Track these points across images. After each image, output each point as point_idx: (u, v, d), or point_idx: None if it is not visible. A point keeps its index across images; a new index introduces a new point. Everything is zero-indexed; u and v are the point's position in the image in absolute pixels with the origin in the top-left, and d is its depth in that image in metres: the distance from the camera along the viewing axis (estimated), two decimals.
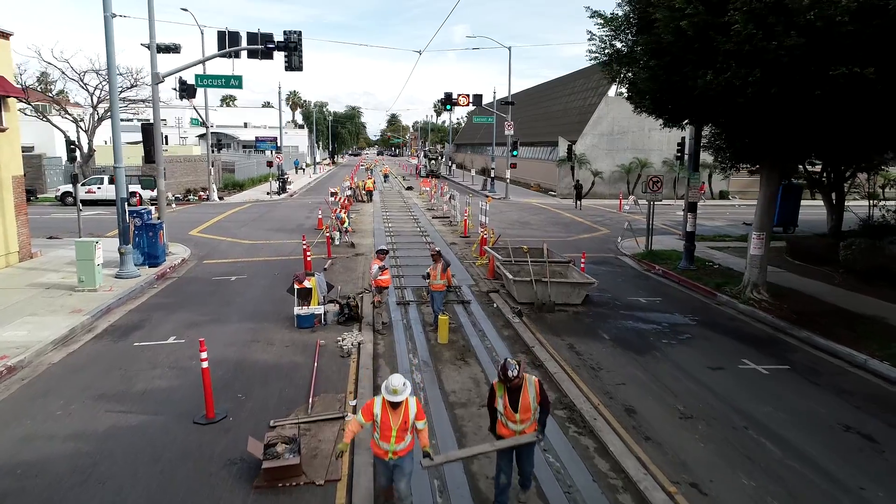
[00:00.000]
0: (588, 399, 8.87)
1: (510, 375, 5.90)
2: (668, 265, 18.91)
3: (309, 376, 9.64)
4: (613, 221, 30.13)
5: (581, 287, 14.17)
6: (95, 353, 10.92)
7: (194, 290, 15.58)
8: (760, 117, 12.15)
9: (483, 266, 18.29)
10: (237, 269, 17.98)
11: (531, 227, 27.65)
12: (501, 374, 5.99)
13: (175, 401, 8.84)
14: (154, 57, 18.74)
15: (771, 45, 10.42)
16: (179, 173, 41.70)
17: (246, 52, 19.52)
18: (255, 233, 24.73)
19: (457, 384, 9.48)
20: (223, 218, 29.29)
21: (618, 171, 44.09)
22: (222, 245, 21.88)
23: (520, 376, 5.94)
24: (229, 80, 19.33)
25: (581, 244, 23.17)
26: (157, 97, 19.12)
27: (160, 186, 19.30)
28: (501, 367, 6.03)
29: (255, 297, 14.82)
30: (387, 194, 43.97)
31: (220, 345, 11.26)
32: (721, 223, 30.35)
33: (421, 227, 26.70)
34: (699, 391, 9.45)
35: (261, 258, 19.56)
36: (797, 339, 12.16)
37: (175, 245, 21.09)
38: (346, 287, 15.54)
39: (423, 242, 22.52)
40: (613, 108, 43.90)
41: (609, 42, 15.55)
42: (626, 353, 11.09)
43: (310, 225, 26.81)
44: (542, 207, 36.64)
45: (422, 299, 14.40)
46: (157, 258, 17.62)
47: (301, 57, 19.75)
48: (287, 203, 37.75)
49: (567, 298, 14.09)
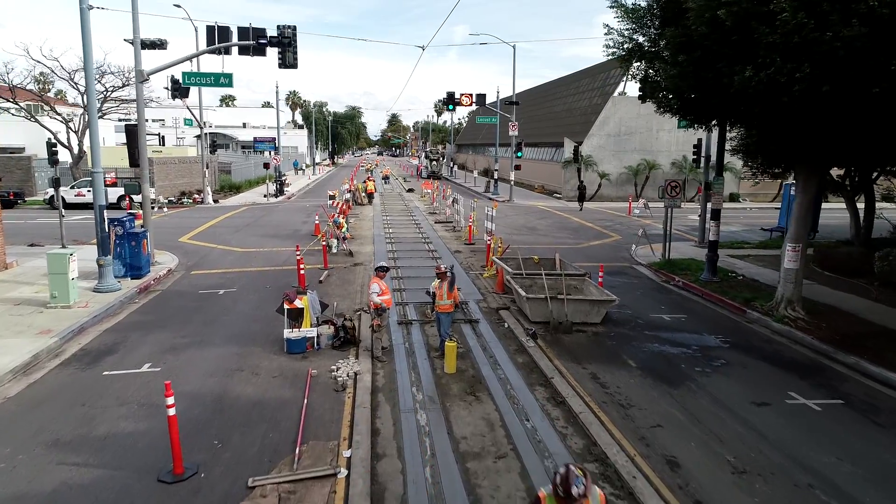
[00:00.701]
0: (622, 448, 7.60)
1: (575, 494, 4.08)
2: (688, 276, 17.64)
3: (297, 416, 8.38)
4: (624, 226, 28.85)
5: (601, 305, 12.89)
6: (59, 385, 9.66)
7: (178, 305, 14.32)
8: (805, 118, 10.87)
9: (491, 278, 17.01)
10: (227, 280, 16.73)
11: (539, 233, 26.37)
12: (562, 490, 4.13)
13: (140, 449, 7.58)
14: (138, 53, 17.47)
15: (825, 37, 9.15)
16: (174, 175, 40.48)
17: (237, 48, 18.25)
18: (249, 239, 23.47)
19: (468, 427, 8.21)
20: (216, 223, 28.04)
21: (625, 172, 42.80)
22: (213, 254, 20.63)
23: (586, 495, 4.16)
24: (219, 78, 18.09)
25: (593, 252, 21.90)
26: (142, 96, 17.87)
27: (145, 192, 18.05)
28: (562, 479, 4.14)
29: (244, 314, 13.56)
30: (387, 197, 42.72)
31: (200, 374, 10.00)
32: (736, 228, 29.08)
33: (423, 232, 25.44)
34: (748, 435, 8.18)
35: (253, 268, 18.30)
36: (845, 366, 10.88)
37: (162, 254, 19.84)
38: (343, 303, 14.28)
39: (426, 250, 21.25)
40: (620, 108, 42.63)
41: (629, 36, 14.29)
42: (658, 385, 9.82)
43: (306, 230, 25.57)
44: (548, 211, 35.36)
45: (426, 317, 13.14)
46: (140, 269, 16.37)
47: (296, 53, 18.49)
48: (284, 206, 36.50)
49: (585, 317, 12.81)
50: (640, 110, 42.52)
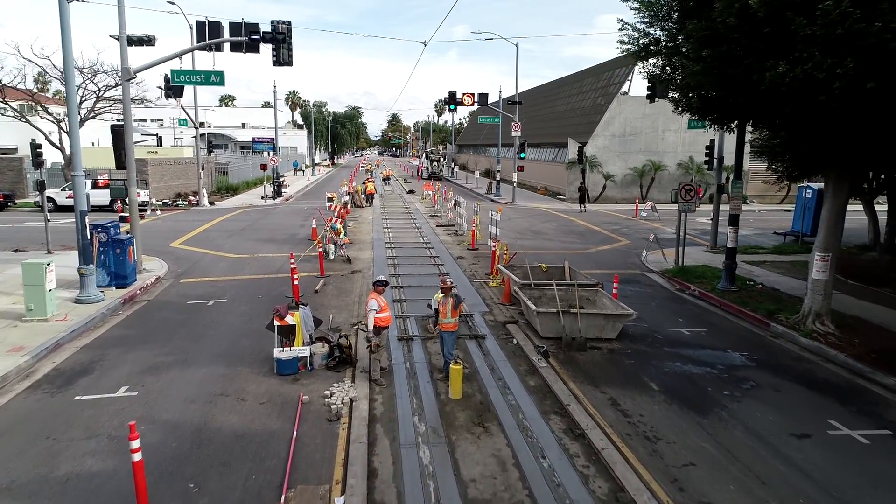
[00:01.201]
0: (654, 494, 6.68)
1: None
2: (704, 285, 16.73)
3: (285, 453, 7.47)
4: (632, 230, 27.93)
5: (617, 320, 11.97)
6: (24, 413, 8.76)
7: (164, 318, 13.41)
8: (844, 118, 9.95)
9: (497, 288, 16.10)
10: (217, 290, 15.82)
11: (544, 237, 25.45)
12: None
13: (105, 496, 6.66)
14: (124, 49, 16.56)
15: (872, 28, 8.26)
16: (169, 176, 39.59)
17: (229, 44, 17.34)
18: (243, 244, 22.55)
19: (477, 467, 7.29)
20: (211, 226, 27.12)
21: (630, 174, 41.86)
22: (205, 260, 19.72)
23: None
24: (210, 76, 17.18)
25: (602, 258, 20.99)
26: (129, 95, 16.94)
27: (132, 196, 17.13)
28: None
29: (233, 328, 12.65)
30: (387, 198, 41.80)
31: (181, 400, 9.10)
32: (747, 231, 28.12)
33: (424, 236, 24.52)
34: (791, 475, 7.26)
35: (245, 276, 17.39)
36: (885, 389, 9.97)
37: (151, 260, 18.94)
38: (340, 315, 13.38)
39: (428, 256, 20.33)
40: (626, 108, 41.69)
41: (644, 30, 13.39)
42: (685, 413, 8.90)
43: (303, 235, 24.66)
44: (552, 213, 34.44)
45: (428, 332, 12.23)
46: (125, 278, 15.45)
47: (290, 50, 17.56)
48: (281, 209, 35.59)
49: (600, 332, 11.90)
50: (646, 110, 41.60)
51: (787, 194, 39.82)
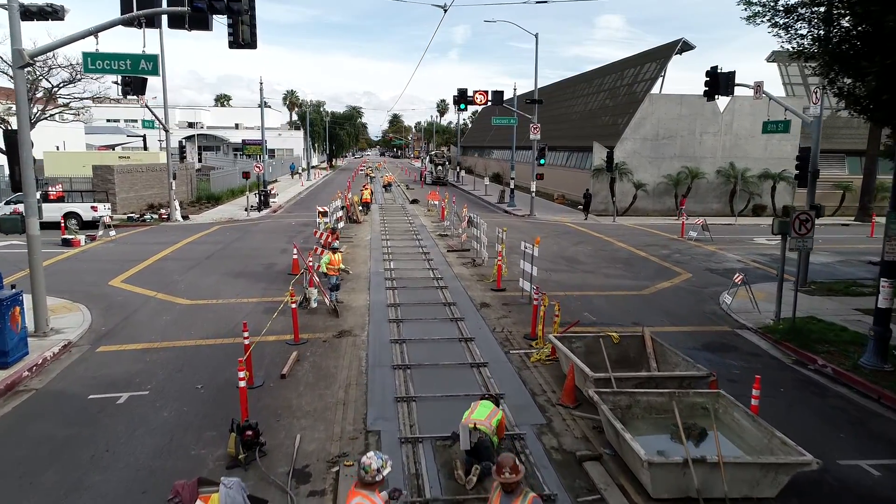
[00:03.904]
0: None
1: None
2: (834, 356, 11.87)
3: None
4: (686, 256, 23.01)
5: (782, 470, 7.00)
6: None
7: (37, 436, 8.52)
8: None
9: (545, 366, 11.18)
10: (143, 368, 10.96)
11: (582, 268, 20.49)
12: None
13: None
14: (16, 24, 11.69)
15: None
16: (141, 185, 34.76)
17: (166, 17, 12.49)
18: (204, 280, 17.64)
19: None
20: (172, 251, 22.21)
21: (664, 181, 36.95)
22: (146, 308, 14.83)
23: None
24: (138, 62, 12.23)
25: (667, 303, 16.06)
26: (24, 88, 12.04)
27: (30, 227, 12.23)
28: None
29: (136, 464, 7.75)
30: (388, 210, 36.88)
31: None
32: (826, 258, 23.30)
33: (434, 268, 19.54)
34: None
35: (190, 341, 12.49)
36: None
37: (72, 310, 14.13)
38: (312, 433, 8.51)
39: (442, 303, 15.33)
40: (659, 108, 36.78)
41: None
42: None
43: (284, 264, 19.78)
44: (579, 230, 29.53)
45: (450, 472, 7.39)
46: (5, 356, 10.58)
47: (254, 28, 12.72)
48: (266, 224, 30.70)
49: (751, 490, 6.97)
50: (682, 111, 36.77)
51: (861, 207, 34.67)
